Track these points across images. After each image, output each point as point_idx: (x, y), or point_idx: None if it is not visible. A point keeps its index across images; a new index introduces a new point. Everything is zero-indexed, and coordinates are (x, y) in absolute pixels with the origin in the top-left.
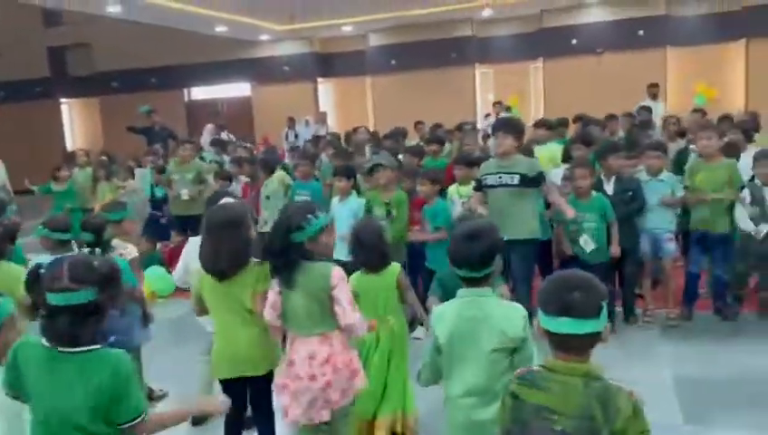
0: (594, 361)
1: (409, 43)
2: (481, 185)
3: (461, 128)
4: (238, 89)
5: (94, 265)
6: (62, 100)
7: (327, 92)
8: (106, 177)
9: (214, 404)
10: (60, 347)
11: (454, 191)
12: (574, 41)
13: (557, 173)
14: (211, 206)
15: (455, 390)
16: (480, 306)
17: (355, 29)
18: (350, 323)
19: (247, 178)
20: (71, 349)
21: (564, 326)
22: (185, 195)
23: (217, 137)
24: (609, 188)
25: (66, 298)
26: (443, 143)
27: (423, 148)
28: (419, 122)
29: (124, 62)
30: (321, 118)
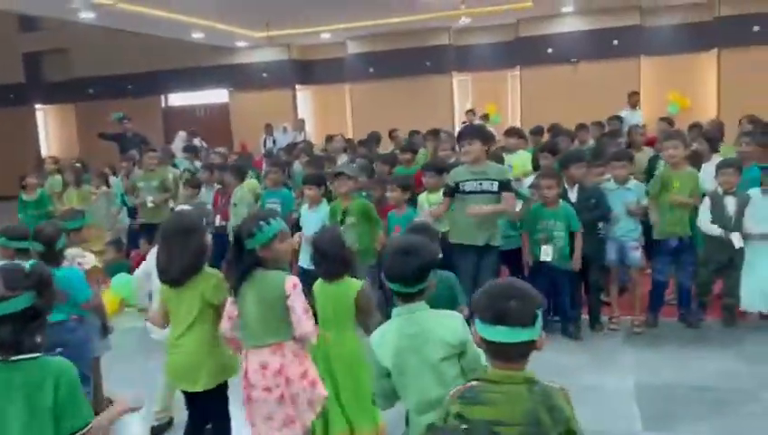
0: (559, 367)
1: (388, 51)
2: (453, 191)
3: (436, 133)
4: (216, 95)
5: (27, 270)
6: (38, 106)
7: (305, 99)
8: (76, 183)
9: (130, 403)
10: (1, 356)
11: (424, 199)
12: (550, 50)
13: (528, 181)
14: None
15: (413, 406)
16: (418, 322)
17: (333, 37)
18: (304, 333)
19: (218, 184)
20: (14, 357)
21: (499, 335)
22: (150, 202)
23: (189, 143)
24: (572, 196)
25: (4, 307)
26: (416, 152)
27: (396, 156)
28: (394, 130)
29: (101, 68)
30: (298, 125)
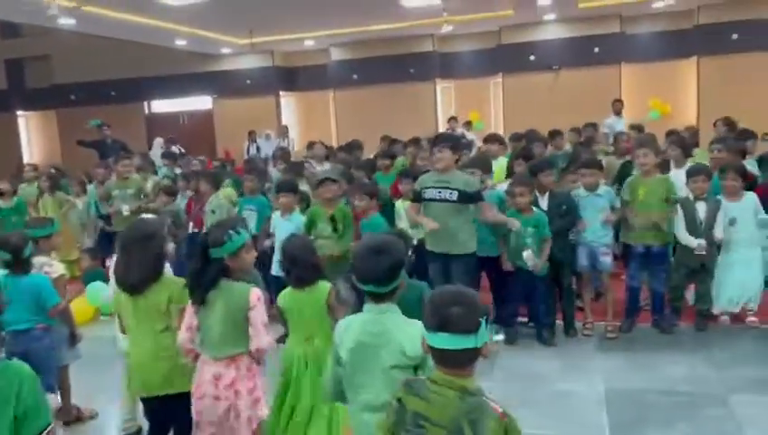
0: (531, 374)
1: (371, 57)
2: (418, 197)
3: (417, 141)
4: (200, 102)
5: None
6: (19, 112)
7: (289, 106)
8: (50, 190)
9: None
10: None
11: (401, 206)
12: (532, 57)
13: (503, 187)
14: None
15: (356, 404)
16: (383, 323)
17: (317, 43)
18: (261, 348)
19: (192, 192)
20: None
21: (442, 341)
22: (125, 210)
23: (168, 150)
24: (543, 203)
25: None
26: (395, 158)
27: (375, 163)
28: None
29: (83, 74)
30: (282, 131)
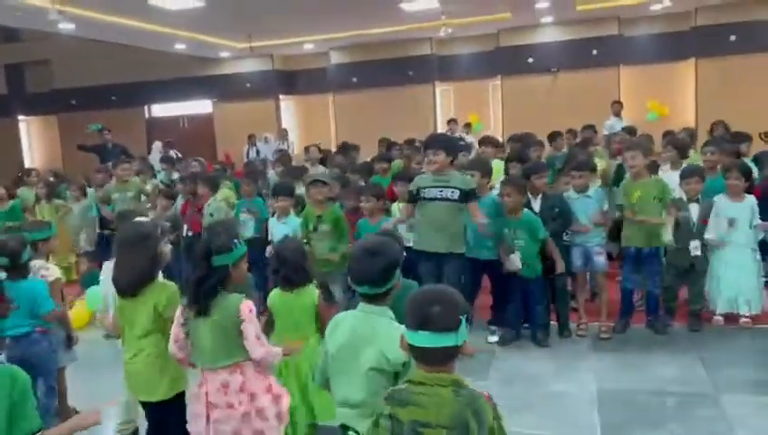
0: (525, 375)
1: (370, 61)
2: (414, 197)
3: (412, 143)
4: (200, 106)
5: None
6: (20, 117)
7: (289, 109)
8: (47, 196)
9: (88, 418)
10: None
11: (396, 208)
12: (530, 59)
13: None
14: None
15: (335, 397)
16: (372, 325)
17: (316, 47)
18: (259, 359)
19: (190, 195)
20: None
21: (422, 339)
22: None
23: (166, 154)
24: (536, 206)
25: None
26: (392, 161)
27: (372, 166)
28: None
29: (84, 79)
30: (281, 135)
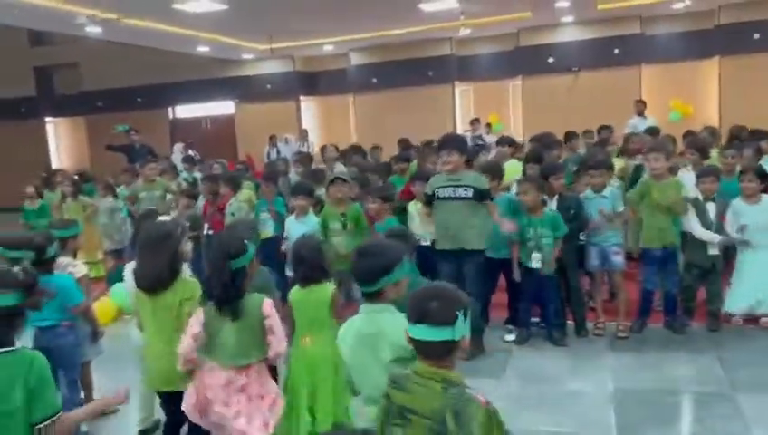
0: (541, 374)
1: (390, 61)
2: (432, 198)
3: (430, 144)
4: (222, 107)
5: (14, 272)
6: (48, 118)
7: (310, 110)
8: (73, 195)
9: (113, 398)
10: None
11: (413, 208)
12: (551, 59)
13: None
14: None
15: (364, 398)
16: (377, 322)
17: (336, 48)
18: (279, 352)
19: (210, 194)
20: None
21: (421, 333)
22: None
23: (188, 154)
24: (552, 206)
25: None
26: (410, 161)
27: (390, 166)
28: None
29: (110, 81)
30: (302, 135)
